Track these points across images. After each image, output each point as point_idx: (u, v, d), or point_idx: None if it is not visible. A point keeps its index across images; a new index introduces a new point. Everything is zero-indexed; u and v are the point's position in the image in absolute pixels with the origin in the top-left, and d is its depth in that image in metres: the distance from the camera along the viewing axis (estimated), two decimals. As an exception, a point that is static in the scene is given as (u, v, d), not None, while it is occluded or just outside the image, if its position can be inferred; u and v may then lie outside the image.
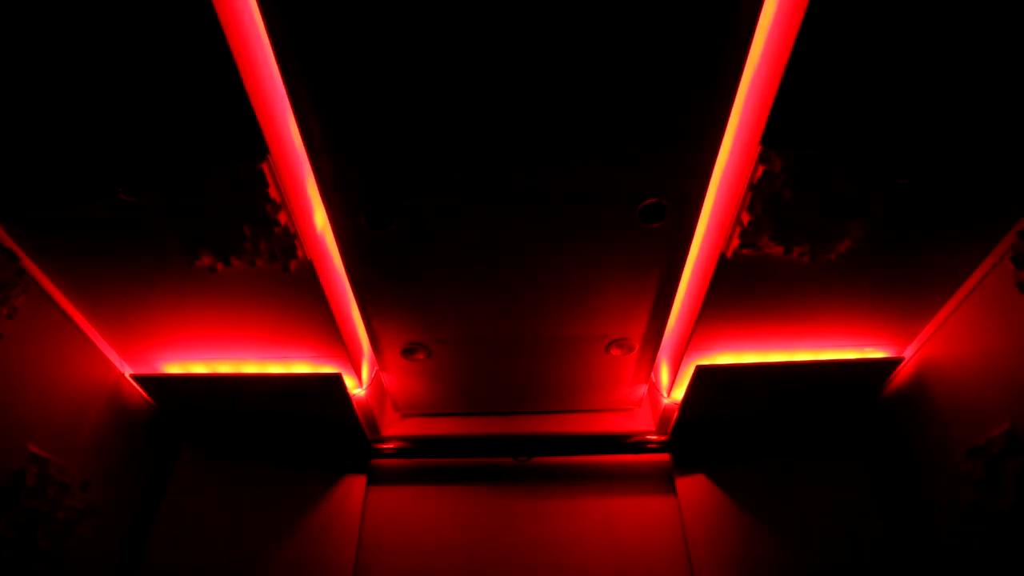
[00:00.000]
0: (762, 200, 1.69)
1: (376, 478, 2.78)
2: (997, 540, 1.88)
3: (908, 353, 2.35)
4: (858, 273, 1.98)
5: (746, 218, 1.74)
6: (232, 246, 1.81)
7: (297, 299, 2.04)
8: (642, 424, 2.91)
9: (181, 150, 1.58)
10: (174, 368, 2.43)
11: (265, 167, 1.60)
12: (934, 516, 2.23)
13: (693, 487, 2.63)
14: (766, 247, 1.83)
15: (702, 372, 2.31)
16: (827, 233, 1.80)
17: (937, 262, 1.99)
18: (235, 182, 1.63)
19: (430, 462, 2.81)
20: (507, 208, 1.81)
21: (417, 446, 2.75)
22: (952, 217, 1.83)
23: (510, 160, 1.67)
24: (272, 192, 1.66)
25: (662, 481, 2.72)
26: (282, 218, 1.73)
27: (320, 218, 1.93)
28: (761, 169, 1.62)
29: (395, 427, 2.94)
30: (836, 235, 1.81)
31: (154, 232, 1.81)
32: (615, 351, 2.49)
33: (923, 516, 2.29)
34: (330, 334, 2.19)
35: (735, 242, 1.82)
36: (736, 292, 2.03)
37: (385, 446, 2.74)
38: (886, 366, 2.38)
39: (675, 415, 2.59)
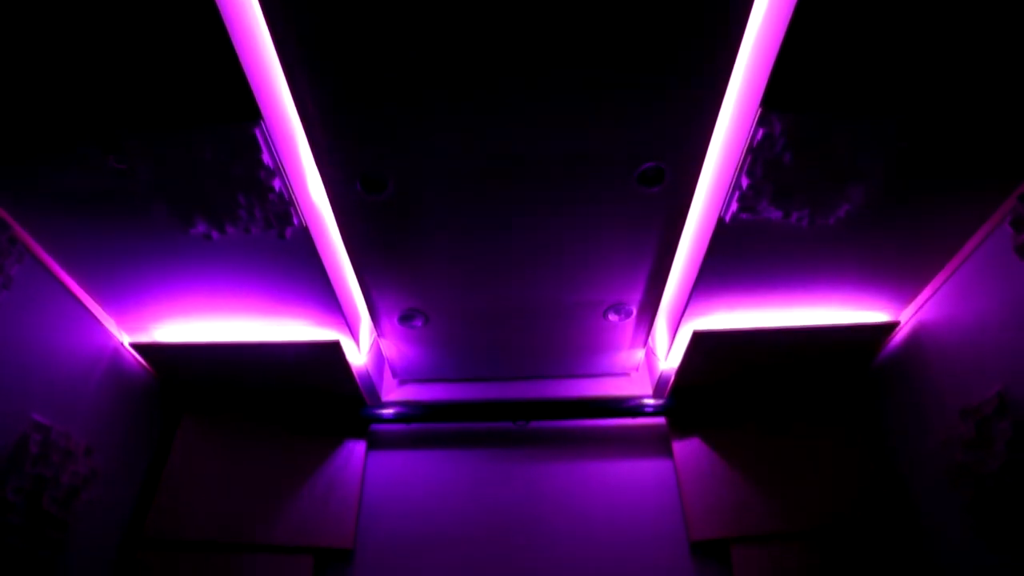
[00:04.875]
0: (762, 164, 1.68)
1: (376, 443, 2.82)
2: (983, 501, 1.92)
3: (904, 317, 2.36)
4: (856, 238, 1.98)
5: (745, 182, 1.73)
6: (226, 213, 1.79)
7: (294, 266, 2.03)
8: (639, 388, 2.95)
9: (172, 115, 1.55)
10: (173, 337, 2.43)
11: (258, 132, 1.57)
12: (922, 477, 2.27)
13: (688, 449, 2.67)
14: (765, 211, 1.82)
15: (699, 338, 2.33)
16: (826, 197, 1.79)
17: (936, 227, 1.98)
18: (228, 148, 1.61)
19: (429, 427, 2.85)
20: (504, 173, 1.79)
21: (416, 411, 2.78)
22: (952, 181, 1.82)
23: (507, 123, 1.65)
24: (266, 158, 1.63)
25: (658, 444, 2.77)
26: (276, 184, 1.71)
27: (315, 184, 1.91)
28: (761, 132, 1.60)
29: (394, 393, 2.97)
30: (835, 199, 1.80)
31: (148, 200, 1.79)
32: (613, 316, 2.49)
33: (912, 478, 2.34)
34: (328, 301, 2.19)
35: (734, 206, 1.80)
36: (734, 257, 2.03)
37: (384, 412, 2.77)
38: (882, 330, 2.40)
39: (672, 380, 2.62)
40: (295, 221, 1.83)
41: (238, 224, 1.83)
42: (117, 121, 1.57)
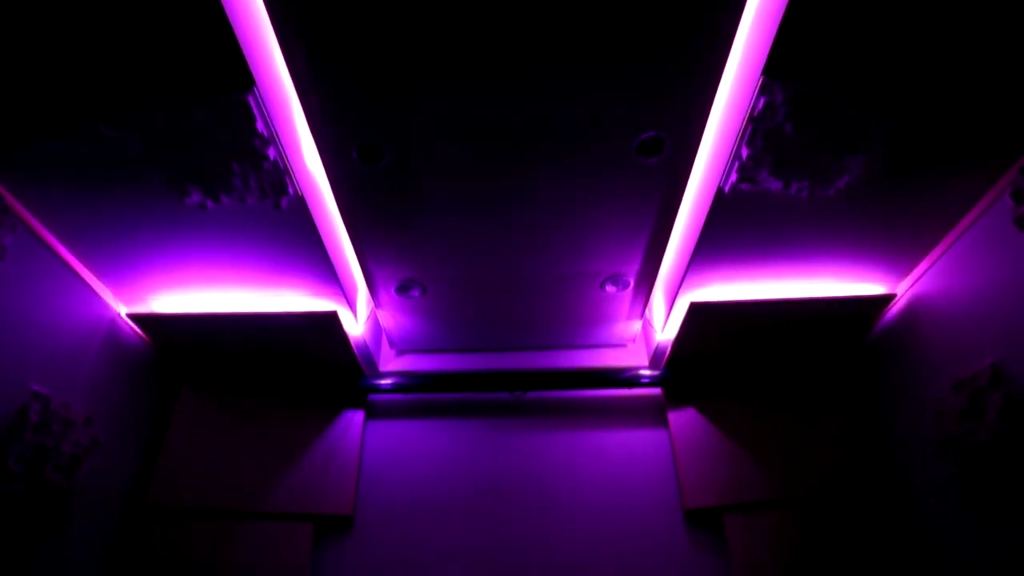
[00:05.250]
0: (762, 133, 1.66)
1: (374, 413, 2.84)
2: (973, 471, 1.96)
3: (900, 290, 2.37)
4: (855, 210, 1.97)
5: (745, 152, 1.71)
6: (221, 183, 1.77)
7: (290, 237, 2.02)
8: (636, 359, 2.96)
9: (164, 83, 1.52)
10: (170, 307, 2.43)
11: (251, 99, 1.54)
12: (914, 448, 2.31)
13: (684, 420, 2.70)
14: (764, 182, 1.80)
15: (696, 309, 2.33)
16: (826, 168, 1.77)
17: (935, 198, 1.97)
18: (221, 115, 1.58)
19: (427, 397, 2.87)
20: (502, 142, 1.77)
21: (413, 382, 2.80)
22: (953, 153, 1.80)
23: (505, 93, 1.62)
24: (260, 126, 1.61)
25: (654, 414, 2.80)
26: (271, 153, 1.69)
27: (311, 154, 1.88)
28: (763, 101, 1.58)
29: (392, 363, 2.98)
30: (835, 171, 1.78)
31: (141, 170, 1.76)
32: (610, 287, 2.49)
33: (904, 448, 2.37)
34: (325, 272, 2.18)
35: (733, 177, 1.79)
36: (732, 229, 2.02)
37: (382, 382, 2.79)
38: (878, 303, 2.41)
39: (668, 351, 2.64)
40: (291, 191, 1.81)
41: (233, 194, 1.81)
42: (107, 88, 1.54)
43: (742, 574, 2.32)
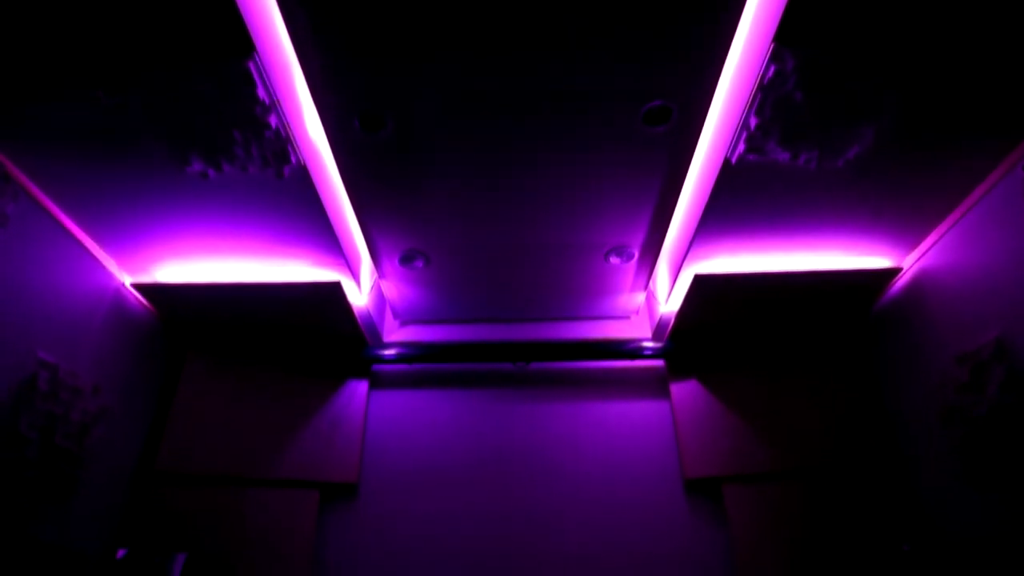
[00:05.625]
0: (772, 102, 1.63)
1: (378, 383, 2.87)
2: (972, 442, 1.97)
3: (907, 263, 2.35)
4: (863, 182, 1.94)
5: (753, 122, 1.68)
6: (222, 151, 1.76)
7: (293, 206, 2.01)
8: (639, 331, 2.97)
9: (163, 48, 1.50)
10: (174, 277, 2.43)
11: (251, 66, 1.52)
12: (914, 420, 2.32)
13: (686, 391, 2.72)
14: (772, 153, 1.78)
15: (700, 281, 2.33)
16: (836, 139, 1.74)
17: (945, 171, 1.94)
18: (221, 82, 1.56)
19: (431, 368, 2.89)
20: (506, 111, 1.75)
21: (417, 352, 2.82)
22: (964, 125, 1.77)
23: (510, 60, 1.59)
24: (260, 92, 1.58)
25: (656, 386, 2.81)
26: (272, 121, 1.67)
27: (313, 123, 1.86)
28: (773, 69, 1.55)
29: (396, 334, 3.00)
30: (845, 141, 1.76)
31: (142, 137, 1.75)
32: (614, 259, 2.49)
33: (904, 420, 2.39)
34: (328, 242, 2.17)
35: (740, 147, 1.77)
36: (738, 200, 2.00)
37: (386, 352, 2.80)
38: (884, 276, 2.39)
39: (671, 323, 2.64)
40: (293, 159, 1.80)
41: (235, 162, 1.80)
42: (106, 55, 1.52)
43: (740, 543, 2.36)
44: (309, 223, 2.09)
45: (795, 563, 2.30)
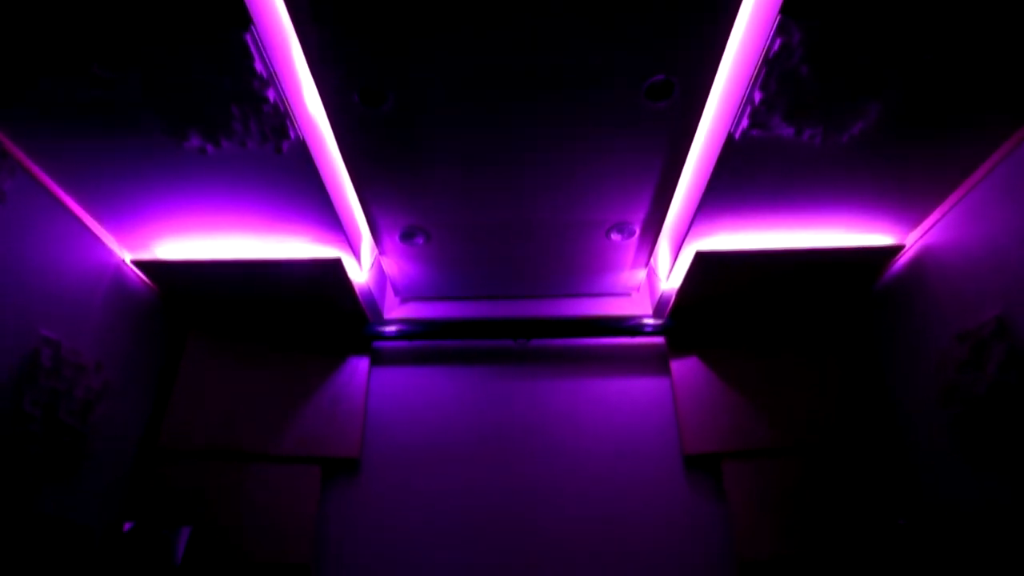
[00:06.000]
0: (777, 77, 1.60)
1: (379, 360, 2.88)
2: (970, 420, 1.98)
3: (909, 241, 2.34)
4: (867, 158, 1.93)
5: (758, 96, 1.66)
6: (220, 126, 1.74)
7: (292, 182, 1.99)
8: (640, 308, 2.97)
9: (157, 20, 1.47)
10: (174, 254, 2.43)
11: (248, 38, 1.49)
12: (913, 398, 2.33)
13: (686, 368, 2.73)
14: (776, 128, 1.76)
15: (701, 258, 2.32)
16: (841, 114, 1.72)
17: (950, 148, 1.92)
18: (218, 55, 1.53)
19: (431, 344, 2.90)
20: (508, 86, 1.72)
21: (418, 329, 2.82)
22: (971, 100, 1.74)
23: (511, 34, 1.56)
24: (258, 66, 1.56)
25: (656, 363, 2.83)
26: (270, 95, 1.64)
27: (312, 97, 1.84)
28: (779, 42, 1.52)
29: (396, 311, 3.00)
30: (850, 116, 1.73)
31: (139, 112, 1.73)
32: (615, 236, 2.48)
33: (902, 397, 2.40)
34: (328, 218, 2.16)
35: (744, 122, 1.74)
36: (741, 176, 1.98)
37: (387, 329, 2.81)
38: (886, 253, 2.39)
39: (672, 300, 2.64)
40: (291, 134, 1.78)
41: (233, 138, 1.78)
42: (100, 27, 1.49)
43: (738, 518, 2.39)
44: (309, 199, 2.07)
45: (792, 537, 2.33)
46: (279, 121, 1.73)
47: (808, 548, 2.30)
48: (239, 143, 1.80)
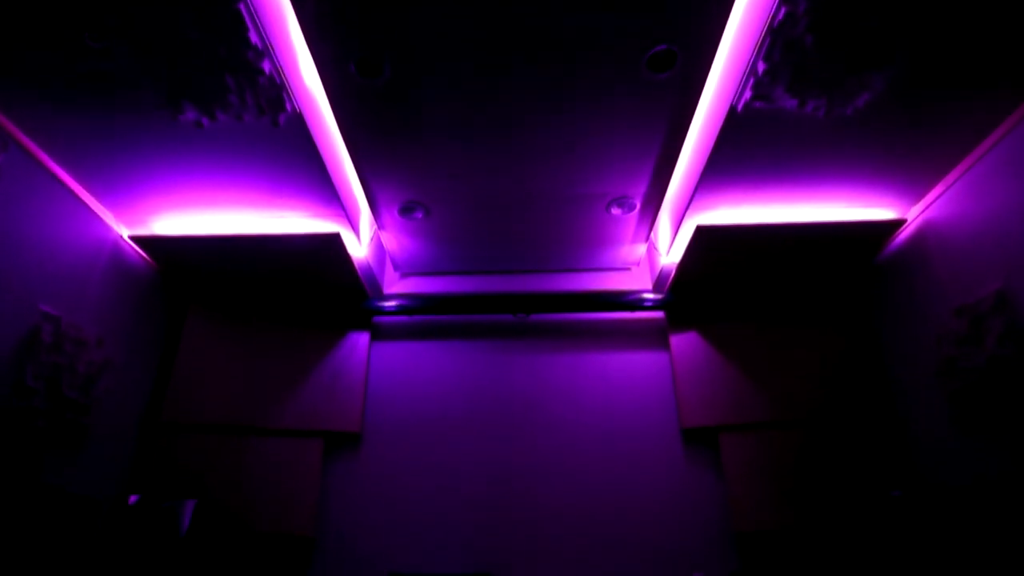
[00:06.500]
0: (781, 47, 1.58)
1: (379, 334, 2.88)
2: (967, 392, 1.99)
3: (911, 215, 2.33)
4: (872, 131, 1.90)
5: (761, 67, 1.63)
6: (216, 98, 1.71)
7: (289, 156, 1.97)
8: (640, 283, 2.97)
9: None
10: (172, 229, 2.41)
11: (242, 7, 1.46)
12: (910, 372, 2.34)
13: (685, 343, 2.74)
14: (780, 100, 1.73)
15: (702, 232, 2.31)
16: (847, 85, 1.69)
17: (956, 120, 1.89)
18: (211, 25, 1.50)
19: (431, 319, 2.90)
20: (507, 56, 1.69)
21: (418, 304, 2.82)
22: (978, 73, 1.71)
23: (509, 1, 1.53)
24: (253, 36, 1.53)
25: (656, 338, 2.83)
26: (266, 66, 1.62)
27: (308, 69, 1.81)
28: (784, 11, 1.49)
29: (396, 286, 3.00)
30: (856, 87, 1.71)
31: (132, 84, 1.70)
32: (616, 210, 2.46)
33: (900, 371, 2.41)
34: (326, 192, 2.15)
35: (747, 94, 1.72)
36: (743, 149, 1.96)
37: (386, 304, 2.81)
38: (887, 228, 2.37)
39: (672, 275, 2.63)
40: (288, 107, 1.75)
41: (229, 110, 1.76)
42: (90, -6, 1.46)
43: (735, 489, 2.43)
44: (306, 173, 2.05)
45: (788, 509, 2.36)
46: (275, 93, 1.70)
47: (803, 519, 2.34)
48: (235, 116, 1.78)
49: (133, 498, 2.24)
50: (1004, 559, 1.77)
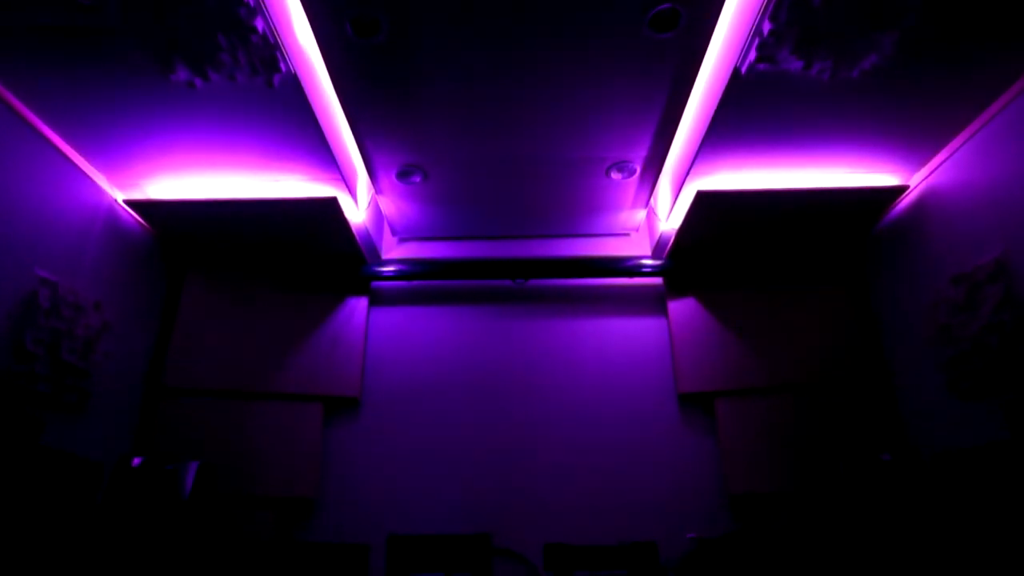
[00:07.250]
0: (787, 6, 1.53)
1: (377, 300, 2.88)
2: (960, 361, 2.01)
3: (914, 182, 2.31)
4: (876, 95, 1.87)
5: (767, 27, 1.59)
6: (208, 57, 1.67)
7: (285, 118, 1.94)
8: (639, 249, 2.96)
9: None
10: (166, 193, 2.38)
11: (233, -38, 1.41)
12: (906, 339, 2.36)
13: (683, 309, 2.74)
14: (785, 62, 1.70)
15: (703, 197, 2.29)
16: (854, 46, 1.66)
17: (965, 83, 1.85)
18: (202, -19, 1.46)
19: (429, 284, 2.90)
20: (504, 15, 1.65)
21: (416, 269, 2.82)
22: (989, 33, 1.66)
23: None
24: (245, -7, 1.49)
25: (654, 303, 2.84)
26: (259, 24, 1.57)
27: (303, 28, 1.76)
28: (791, -32, 1.45)
29: (394, 251, 2.98)
30: (863, 49, 1.67)
31: (122, 42, 1.65)
32: (615, 175, 2.44)
33: (895, 338, 2.42)
34: (323, 155, 2.12)
35: (752, 55, 1.68)
36: (746, 113, 1.93)
37: (384, 269, 2.80)
38: (890, 194, 2.35)
39: (671, 240, 2.62)
40: (283, 67, 1.71)
41: (222, 70, 1.71)
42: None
43: (728, 452, 2.46)
44: (302, 136, 2.02)
45: (781, 471, 2.40)
46: (269, 53, 1.66)
47: (795, 483, 2.38)
48: (228, 76, 1.73)
49: (137, 460, 2.27)
50: (991, 522, 1.81)
